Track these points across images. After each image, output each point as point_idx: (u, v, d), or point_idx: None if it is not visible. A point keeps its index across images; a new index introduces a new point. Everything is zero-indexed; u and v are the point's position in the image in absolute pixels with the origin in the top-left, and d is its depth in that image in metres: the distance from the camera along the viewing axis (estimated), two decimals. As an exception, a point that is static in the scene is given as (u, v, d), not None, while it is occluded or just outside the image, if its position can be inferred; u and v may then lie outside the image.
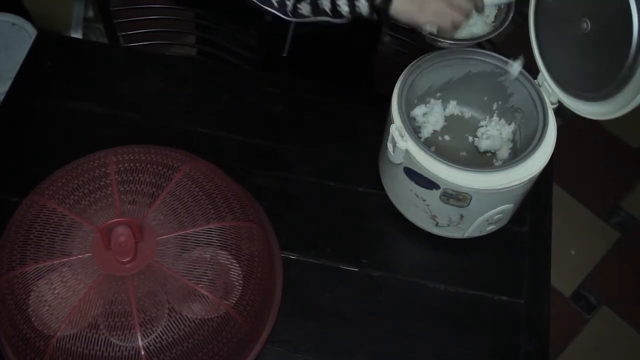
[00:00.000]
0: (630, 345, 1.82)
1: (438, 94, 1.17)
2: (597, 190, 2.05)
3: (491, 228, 1.10)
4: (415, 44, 1.46)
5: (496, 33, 1.09)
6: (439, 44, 1.07)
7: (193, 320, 0.87)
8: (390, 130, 1.01)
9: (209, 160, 1.03)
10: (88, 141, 1.11)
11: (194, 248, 0.91)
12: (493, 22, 1.13)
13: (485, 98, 1.15)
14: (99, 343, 0.84)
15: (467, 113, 1.19)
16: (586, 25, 0.94)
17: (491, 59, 1.09)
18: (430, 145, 1.13)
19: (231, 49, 1.40)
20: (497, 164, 1.12)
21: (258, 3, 0.99)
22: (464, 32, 1.09)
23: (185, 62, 1.42)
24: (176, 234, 0.91)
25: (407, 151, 1.00)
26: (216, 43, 1.44)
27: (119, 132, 1.22)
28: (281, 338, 1.05)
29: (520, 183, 0.99)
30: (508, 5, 1.11)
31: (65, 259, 0.88)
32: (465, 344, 1.06)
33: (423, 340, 1.06)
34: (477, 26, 1.11)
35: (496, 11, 1.13)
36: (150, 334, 0.85)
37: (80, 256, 0.89)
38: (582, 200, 2.02)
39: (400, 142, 1.00)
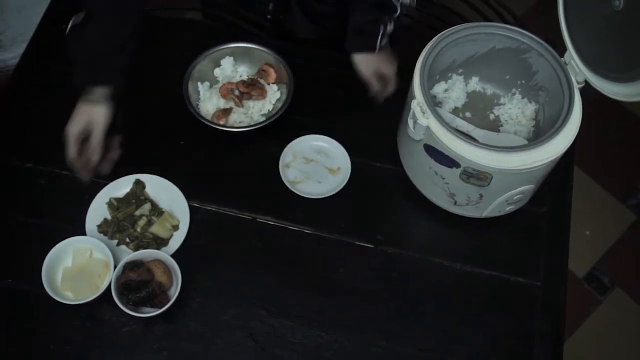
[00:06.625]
0: (641, 327, 1.81)
1: (460, 70, 1.14)
2: (615, 172, 2.01)
3: (510, 208, 1.08)
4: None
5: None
6: None
7: None
8: (412, 106, 0.99)
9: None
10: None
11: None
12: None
13: (508, 75, 1.13)
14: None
15: (489, 90, 1.16)
16: (618, 2, 0.91)
17: (517, 35, 1.06)
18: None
19: (243, 15, 1.37)
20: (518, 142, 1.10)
21: None
22: None
23: (198, 27, 1.40)
24: None
25: (428, 128, 0.98)
26: (226, 8, 1.42)
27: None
28: (294, 312, 1.05)
29: (543, 164, 0.97)
30: None
31: None
32: (479, 324, 1.05)
33: (436, 319, 1.05)
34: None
35: None
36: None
37: None
38: (599, 181, 1.99)
39: (421, 118, 0.97)
